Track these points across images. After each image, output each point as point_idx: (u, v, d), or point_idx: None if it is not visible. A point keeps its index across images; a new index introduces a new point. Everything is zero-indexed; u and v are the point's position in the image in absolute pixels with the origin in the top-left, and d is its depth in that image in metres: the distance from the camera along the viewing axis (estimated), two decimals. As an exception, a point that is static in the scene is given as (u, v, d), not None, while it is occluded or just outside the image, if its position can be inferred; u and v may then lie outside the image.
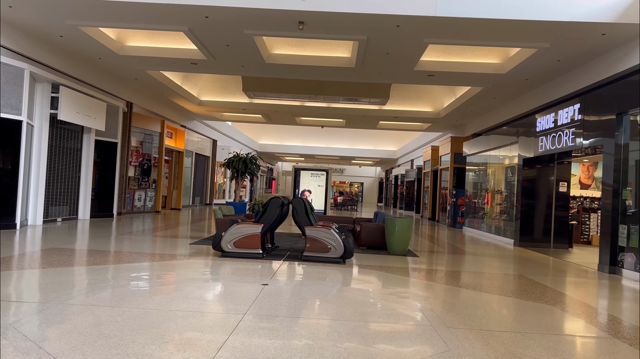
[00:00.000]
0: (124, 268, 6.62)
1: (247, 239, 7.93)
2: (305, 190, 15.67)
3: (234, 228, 7.97)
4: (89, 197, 13.89)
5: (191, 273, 6.55)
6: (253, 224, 7.99)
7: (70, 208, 13.37)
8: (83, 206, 13.76)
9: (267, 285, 5.92)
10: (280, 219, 8.35)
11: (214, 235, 8.03)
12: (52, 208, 12.44)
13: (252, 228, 7.96)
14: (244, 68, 12.93)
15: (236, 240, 7.94)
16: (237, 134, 31.50)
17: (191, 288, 5.56)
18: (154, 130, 18.39)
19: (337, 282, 6.44)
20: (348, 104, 18.29)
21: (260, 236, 7.96)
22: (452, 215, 19.38)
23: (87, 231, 10.85)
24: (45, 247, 8.16)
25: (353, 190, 59.01)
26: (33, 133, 11.44)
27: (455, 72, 12.04)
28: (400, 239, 9.60)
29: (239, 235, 7.94)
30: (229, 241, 7.94)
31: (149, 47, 12.04)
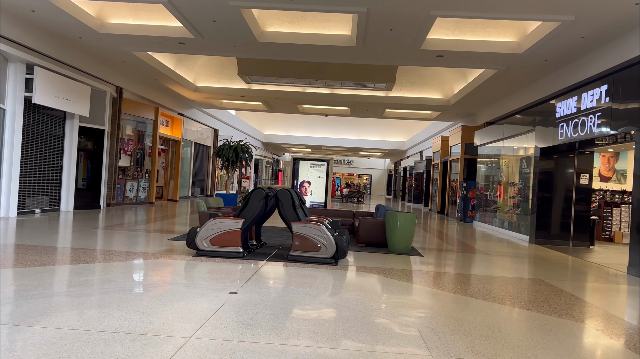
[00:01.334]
0: (70, 271, 5.67)
1: (225, 236, 6.95)
2: (304, 182, 14.67)
3: (210, 223, 6.99)
4: (72, 187, 13.00)
5: (149, 278, 5.59)
6: (232, 219, 7.00)
7: (52, 199, 12.49)
8: (66, 197, 12.87)
9: (236, 294, 4.93)
10: (264, 213, 7.36)
11: (189, 230, 7.07)
12: (29, 199, 11.57)
13: (232, 223, 6.98)
14: (235, 49, 11.90)
15: (213, 237, 6.96)
16: (240, 124, 30.53)
17: (138, 299, 4.59)
18: (148, 117, 17.46)
19: (323, 290, 5.44)
20: (352, 90, 17.21)
21: (241, 233, 6.98)
22: (462, 209, 18.28)
23: (59, 225, 9.95)
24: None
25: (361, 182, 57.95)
26: (5, 118, 10.54)
27: (466, 51, 10.92)
28: (402, 236, 8.57)
29: (216, 232, 6.96)
30: (205, 238, 6.97)
31: (131, 25, 11.05)
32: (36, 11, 9.89)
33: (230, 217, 7.04)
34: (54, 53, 11.63)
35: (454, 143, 20.31)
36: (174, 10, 9.27)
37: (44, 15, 10.06)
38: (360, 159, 55.03)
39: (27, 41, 10.66)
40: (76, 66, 12.59)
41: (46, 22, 10.45)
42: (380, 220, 9.15)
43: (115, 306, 4.26)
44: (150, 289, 5.01)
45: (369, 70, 14.17)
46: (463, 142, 19.02)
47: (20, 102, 10.77)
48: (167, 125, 19.58)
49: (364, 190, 55.93)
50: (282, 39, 10.99)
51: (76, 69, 12.72)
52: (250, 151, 11.35)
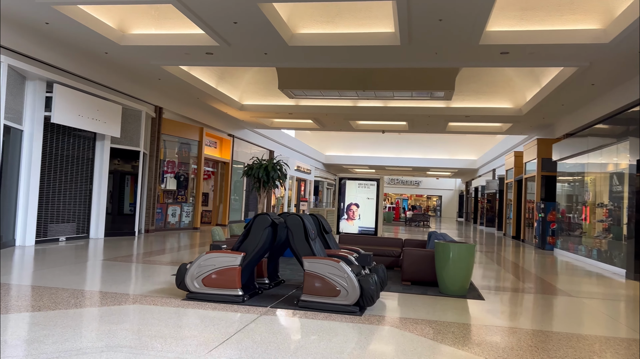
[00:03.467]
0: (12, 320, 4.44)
1: (220, 274, 5.51)
2: (351, 204, 13.07)
3: (202, 258, 5.59)
4: (103, 213, 12.21)
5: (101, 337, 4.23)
6: (230, 253, 5.56)
7: (80, 226, 11.73)
8: (95, 223, 12.09)
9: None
10: (270, 245, 5.85)
11: (179, 267, 5.71)
12: (52, 226, 10.82)
13: (228, 258, 5.54)
14: (268, 57, 10.68)
15: (205, 276, 5.55)
16: (299, 145, 29.51)
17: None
18: (192, 138, 16.68)
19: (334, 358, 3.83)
20: (407, 101, 15.51)
21: (240, 271, 5.52)
22: (540, 234, 15.83)
23: (68, 256, 8.98)
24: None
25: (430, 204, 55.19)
26: (23, 139, 9.87)
27: (537, 44, 8.99)
28: (456, 273, 6.75)
29: (209, 269, 5.55)
30: (196, 277, 5.57)
31: (154, 35, 10.15)
32: (50, 24, 9.19)
33: (227, 251, 5.60)
34: (78, 69, 10.96)
35: (529, 159, 17.92)
36: (186, 10, 8.17)
37: (59, 27, 9.35)
38: (428, 180, 52.47)
39: (45, 57, 10.01)
40: (104, 83, 11.90)
41: (63, 35, 9.76)
42: (429, 252, 7.37)
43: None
44: (89, 354, 3.65)
45: (422, 75, 12.46)
46: (539, 157, 16.64)
47: (40, 122, 10.09)
48: (215, 146, 18.77)
49: (432, 212, 53.14)
50: (315, 41, 9.62)
51: (105, 87, 12.04)
52: (284, 170, 9.96)
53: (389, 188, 53.29)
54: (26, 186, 9.90)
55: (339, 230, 13.34)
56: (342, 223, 13.29)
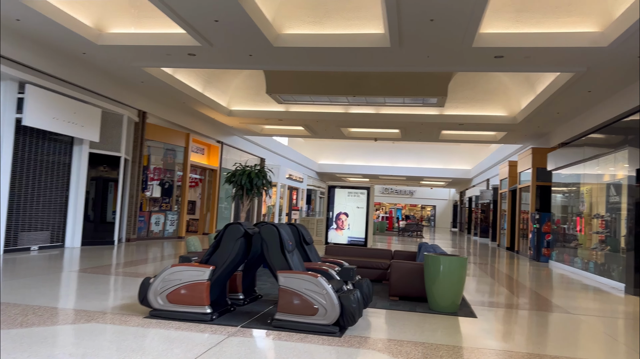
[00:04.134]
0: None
1: (186, 290, 5.01)
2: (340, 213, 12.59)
3: (167, 272, 5.09)
4: (80, 221, 11.67)
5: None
6: (198, 267, 5.06)
7: (54, 234, 11.18)
8: (72, 231, 11.54)
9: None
10: (244, 257, 5.35)
11: (142, 281, 5.21)
12: (23, 235, 10.27)
13: (196, 272, 5.04)
14: (253, 59, 10.24)
15: (170, 292, 5.04)
16: (291, 153, 29.05)
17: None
18: (177, 144, 16.17)
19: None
20: (399, 108, 15.11)
21: (209, 286, 5.01)
22: (534, 245, 15.40)
23: (33, 266, 8.43)
24: None
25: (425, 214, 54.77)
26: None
27: (532, 47, 8.59)
28: (446, 288, 6.27)
29: (174, 284, 5.04)
30: (160, 292, 5.06)
31: (133, 34, 9.69)
32: (22, 20, 8.72)
33: (196, 264, 5.10)
34: (53, 70, 10.46)
35: (524, 168, 17.53)
36: (163, 6, 7.72)
37: (31, 25, 8.87)
38: (422, 189, 52.08)
39: (17, 56, 9.51)
40: (83, 85, 11.40)
41: (36, 33, 9.28)
42: (419, 265, 6.89)
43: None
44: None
45: (415, 81, 12.06)
46: (534, 167, 16.24)
47: (10, 125, 9.58)
48: (202, 153, 18.27)
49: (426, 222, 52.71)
50: (302, 42, 9.18)
51: (84, 89, 11.54)
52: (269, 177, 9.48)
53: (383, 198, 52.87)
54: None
55: (328, 240, 12.84)
56: (331, 232, 12.80)
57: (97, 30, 9.66)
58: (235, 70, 14.41)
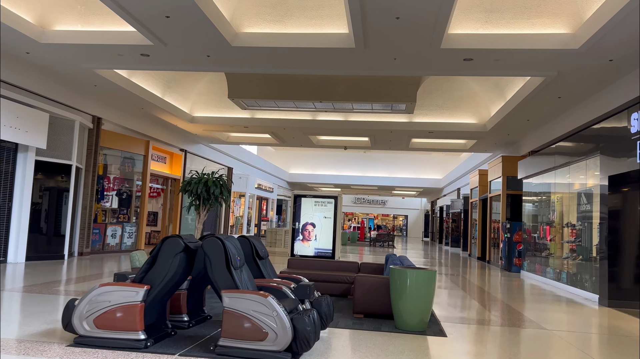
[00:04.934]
0: None
1: (117, 314, 4.35)
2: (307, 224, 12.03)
3: (94, 293, 4.42)
4: (25, 234, 10.79)
5: None
6: (130, 286, 4.42)
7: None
8: (15, 245, 10.65)
9: None
10: (185, 275, 4.73)
11: (66, 304, 4.53)
12: (-43, 249, 9.37)
13: (128, 293, 4.39)
14: (211, 60, 9.65)
15: (98, 315, 4.38)
16: (260, 162, 28.38)
17: None
18: (136, 152, 15.38)
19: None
20: (367, 114, 14.70)
21: (143, 308, 4.37)
22: (506, 255, 15.11)
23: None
24: None
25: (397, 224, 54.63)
26: None
27: (502, 49, 8.25)
28: (414, 305, 5.75)
29: (103, 306, 4.38)
30: (86, 316, 4.39)
31: (79, 32, 8.99)
32: (-48, 14, 7.94)
33: (128, 283, 4.45)
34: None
35: (494, 177, 17.32)
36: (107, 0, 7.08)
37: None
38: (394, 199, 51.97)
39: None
40: (28, 88, 10.60)
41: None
42: (385, 280, 6.36)
43: None
44: None
45: (383, 86, 11.65)
46: (504, 175, 16.03)
47: (-58, 129, 8.74)
48: (164, 162, 17.49)
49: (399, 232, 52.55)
50: (262, 42, 8.64)
51: (29, 92, 10.73)
52: (228, 186, 8.86)
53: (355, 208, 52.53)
54: None
55: (294, 252, 12.25)
56: (297, 244, 12.21)
57: (40, 27, 8.93)
58: (197, 75, 13.78)
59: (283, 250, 17.07)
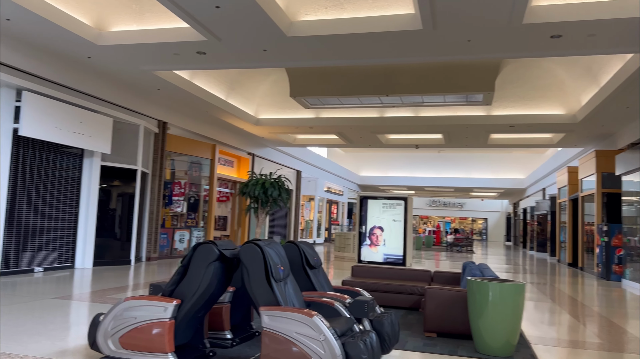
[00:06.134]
0: None
1: (143, 333, 3.79)
2: (375, 227, 11.18)
3: (119, 308, 3.90)
4: (92, 239, 10.81)
5: None
6: (158, 301, 3.84)
7: (63, 254, 10.34)
8: (82, 250, 10.68)
9: None
10: (222, 287, 4.09)
11: (92, 319, 4.05)
12: (25, 255, 9.45)
13: (155, 308, 3.82)
14: (268, 54, 9.10)
15: (123, 334, 3.84)
16: (329, 165, 27.82)
17: None
18: (203, 156, 15.26)
19: None
20: (439, 108, 13.62)
21: (173, 327, 3.78)
22: (603, 261, 13.39)
23: (19, 292, 7.49)
24: None
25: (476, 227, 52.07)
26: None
27: (598, 21, 6.99)
28: (497, 325, 4.77)
29: (128, 324, 3.84)
30: (111, 334, 3.87)
31: (135, 31, 8.77)
32: (12, 20, 7.94)
33: (156, 297, 3.88)
34: (56, 76, 9.69)
35: (586, 174, 15.53)
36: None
37: (23, 25, 8.09)
38: (473, 201, 49.58)
39: (11, 60, 8.75)
40: (91, 93, 10.61)
41: (31, 34, 8.50)
42: (461, 293, 5.41)
43: None
44: None
45: (456, 74, 10.59)
46: (599, 172, 14.27)
47: (7, 136, 8.82)
48: (231, 166, 17.33)
49: (478, 235, 50.04)
50: (319, 30, 7.96)
51: (93, 97, 10.76)
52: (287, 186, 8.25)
53: (430, 211, 50.70)
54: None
55: (361, 257, 11.44)
56: (364, 249, 11.39)
57: (97, 29, 8.80)
58: (260, 75, 13.40)
59: (352, 255, 16.30)
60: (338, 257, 17.02)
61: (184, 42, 8.62)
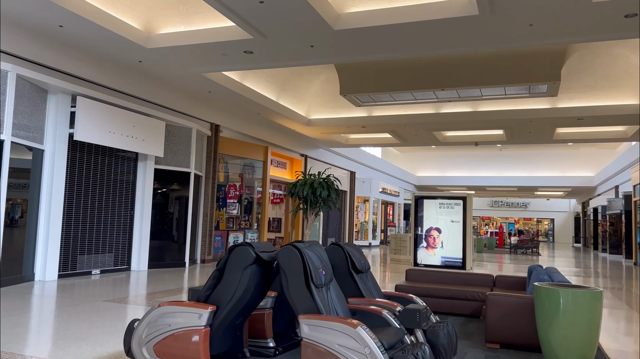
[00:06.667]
0: None
1: (177, 341, 3.57)
2: (432, 229, 10.63)
3: (153, 314, 3.69)
4: (147, 242, 10.93)
5: None
6: (192, 307, 3.61)
7: (119, 257, 10.51)
8: (138, 253, 10.82)
9: None
10: (259, 291, 3.80)
11: (128, 325, 3.89)
12: (82, 258, 9.64)
13: (189, 315, 3.59)
14: (315, 50, 8.82)
15: (158, 342, 3.63)
16: (384, 166, 27.27)
17: None
18: (255, 159, 15.21)
19: None
20: (500, 102, 12.87)
21: (208, 335, 3.53)
22: (689, 265, 12.14)
23: (75, 294, 7.58)
24: None
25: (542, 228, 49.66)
26: (43, 160, 8.83)
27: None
28: (570, 337, 4.22)
29: (162, 331, 3.63)
30: (145, 342, 3.68)
31: (183, 33, 8.74)
32: (65, 26, 8.09)
33: (190, 303, 3.65)
34: (108, 81, 9.84)
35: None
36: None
37: (75, 30, 8.23)
38: (538, 201, 47.32)
39: (66, 66, 8.94)
40: (143, 97, 10.73)
41: (83, 40, 8.64)
42: (527, 300, 4.87)
43: None
44: None
45: (517, 63, 9.89)
46: (681, 165, 13.00)
47: (64, 141, 9.03)
48: (284, 167, 17.21)
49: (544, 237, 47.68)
50: (367, 21, 7.58)
51: (145, 101, 10.88)
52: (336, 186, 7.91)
53: (492, 211, 48.84)
54: (47, 213, 8.79)
55: (417, 261, 10.92)
56: (421, 252, 10.86)
57: (146, 32, 8.85)
58: (311, 75, 13.18)
59: (408, 258, 15.74)
60: (394, 260, 16.50)
61: (231, 41, 8.49)
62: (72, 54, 9.03)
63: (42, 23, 7.92)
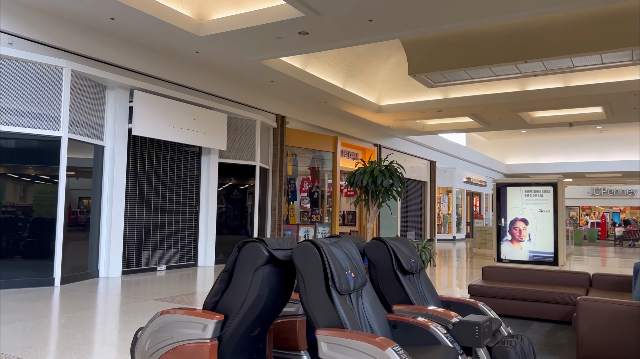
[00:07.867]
0: None
1: (182, 355, 3.00)
2: (517, 220, 9.41)
3: (156, 322, 3.16)
4: (213, 237, 10.73)
5: None
6: (196, 316, 3.02)
7: (186, 253, 10.38)
8: (204, 248, 10.64)
9: None
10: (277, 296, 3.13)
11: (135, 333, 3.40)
12: (147, 254, 9.58)
13: (192, 325, 3.00)
14: (374, 25, 8.01)
15: (162, 355, 3.09)
16: (469, 154, 25.65)
17: None
18: (324, 150, 14.64)
19: None
20: (596, 73, 11.26)
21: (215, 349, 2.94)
22: None
23: (134, 291, 7.39)
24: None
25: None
26: (104, 156, 8.80)
27: None
28: (697, 361, 3.14)
29: (166, 343, 3.09)
30: (149, 355, 3.15)
31: (232, 17, 8.30)
32: (116, 19, 7.95)
33: (194, 310, 3.07)
34: (165, 73, 9.65)
35: None
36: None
37: (128, 23, 8.06)
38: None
39: (121, 60, 8.83)
40: (202, 89, 10.47)
41: (136, 32, 8.47)
42: (631, 308, 3.81)
43: None
44: None
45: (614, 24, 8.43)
46: None
47: (123, 136, 8.95)
48: (356, 158, 16.49)
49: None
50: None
51: (205, 93, 10.63)
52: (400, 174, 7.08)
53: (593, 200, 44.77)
54: (109, 209, 8.76)
55: (501, 255, 9.76)
56: (505, 246, 9.69)
57: (197, 19, 8.51)
58: (380, 59, 12.36)
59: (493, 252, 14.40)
60: (478, 254, 15.23)
61: (283, 21, 7.91)
62: (127, 47, 8.92)
63: (92, 17, 7.82)
